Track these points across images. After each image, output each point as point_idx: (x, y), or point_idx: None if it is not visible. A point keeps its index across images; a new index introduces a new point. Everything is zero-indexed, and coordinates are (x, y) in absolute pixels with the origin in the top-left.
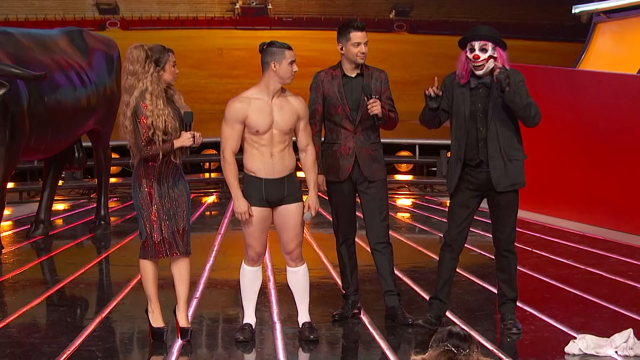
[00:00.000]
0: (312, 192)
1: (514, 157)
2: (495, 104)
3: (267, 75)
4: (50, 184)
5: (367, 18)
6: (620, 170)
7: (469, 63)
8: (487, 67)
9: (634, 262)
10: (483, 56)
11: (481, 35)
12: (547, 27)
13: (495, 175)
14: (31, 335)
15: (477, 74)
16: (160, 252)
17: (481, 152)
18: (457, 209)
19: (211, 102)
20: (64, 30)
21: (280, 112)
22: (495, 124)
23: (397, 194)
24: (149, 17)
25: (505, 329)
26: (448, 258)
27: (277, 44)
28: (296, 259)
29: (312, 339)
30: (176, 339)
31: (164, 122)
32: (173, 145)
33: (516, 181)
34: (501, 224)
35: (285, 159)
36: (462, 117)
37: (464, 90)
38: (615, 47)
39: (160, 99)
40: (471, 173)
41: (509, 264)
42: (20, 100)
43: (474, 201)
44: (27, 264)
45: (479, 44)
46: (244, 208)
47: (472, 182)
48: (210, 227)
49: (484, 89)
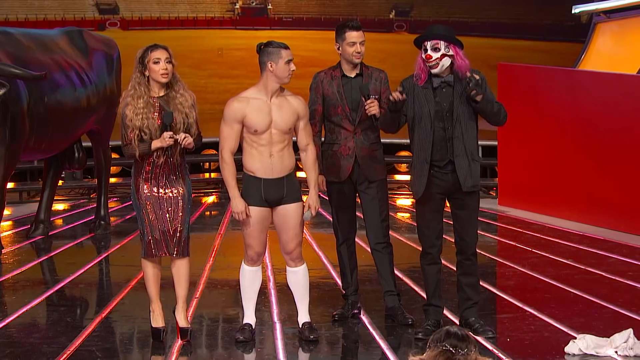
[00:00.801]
0: (313, 192)
1: (474, 158)
2: (460, 103)
3: (265, 75)
4: (50, 184)
5: (367, 18)
6: (620, 170)
7: (425, 63)
8: (442, 66)
9: (633, 262)
10: (435, 55)
11: (432, 34)
12: (547, 27)
13: (462, 174)
14: (31, 335)
15: (433, 72)
16: (150, 251)
17: (449, 151)
18: (429, 215)
19: (211, 102)
20: (64, 30)
21: (279, 112)
22: (460, 123)
23: (397, 194)
24: (149, 17)
25: (481, 333)
26: (431, 266)
27: (273, 44)
28: (296, 259)
29: (312, 339)
30: (176, 339)
31: (141, 120)
32: (151, 145)
33: (478, 182)
34: (468, 227)
35: (285, 159)
36: (427, 117)
37: (427, 90)
38: (615, 47)
39: (141, 99)
40: (437, 175)
41: (474, 267)
42: (20, 100)
43: (442, 204)
44: (27, 264)
45: (430, 43)
46: (241, 208)
47: (439, 185)
48: (210, 227)
49: (447, 88)
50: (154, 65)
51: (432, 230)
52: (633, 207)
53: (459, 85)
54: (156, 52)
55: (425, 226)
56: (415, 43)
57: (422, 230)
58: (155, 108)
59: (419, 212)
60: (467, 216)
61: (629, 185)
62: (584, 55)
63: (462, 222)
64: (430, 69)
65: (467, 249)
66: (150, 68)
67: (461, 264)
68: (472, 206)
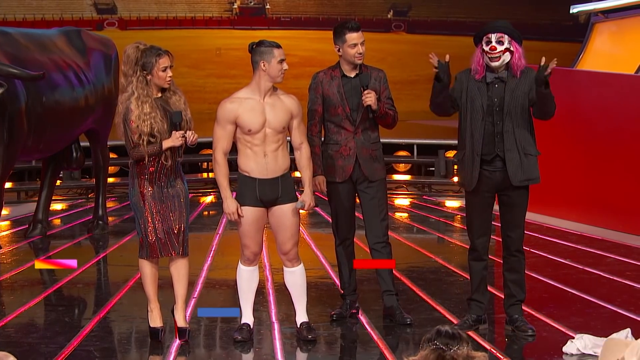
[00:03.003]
0: (308, 190)
1: (528, 152)
2: (512, 99)
3: (258, 75)
4: (48, 183)
5: (365, 18)
6: (618, 169)
7: (484, 57)
8: (503, 60)
9: (631, 262)
10: (500, 48)
11: (498, 27)
12: (544, 27)
13: (512, 168)
14: (29, 335)
15: (493, 65)
16: (154, 252)
17: (497, 146)
18: (477, 211)
19: (209, 102)
20: (62, 30)
21: (273, 111)
22: (511, 118)
23: (395, 194)
24: (147, 17)
25: (519, 331)
26: (476, 262)
27: (265, 43)
28: (292, 259)
29: (310, 338)
30: (174, 339)
31: (150, 125)
32: (161, 146)
33: (531, 176)
34: (514, 223)
35: (279, 159)
36: (479, 111)
37: (480, 84)
38: (613, 47)
39: (146, 104)
40: (487, 169)
41: (519, 264)
42: (18, 100)
43: (490, 202)
44: (25, 263)
45: (495, 36)
46: (232, 208)
47: (487, 182)
48: (208, 227)
49: (500, 84)
50: (161, 72)
51: (478, 226)
52: (631, 206)
53: (511, 81)
54: (164, 60)
55: (472, 222)
56: (476, 38)
57: (470, 225)
58: (159, 110)
59: (468, 206)
60: (514, 212)
61: (627, 184)
62: (581, 55)
63: (508, 217)
64: (490, 62)
65: (512, 245)
66: (158, 75)
67: (506, 259)
68: (519, 202)
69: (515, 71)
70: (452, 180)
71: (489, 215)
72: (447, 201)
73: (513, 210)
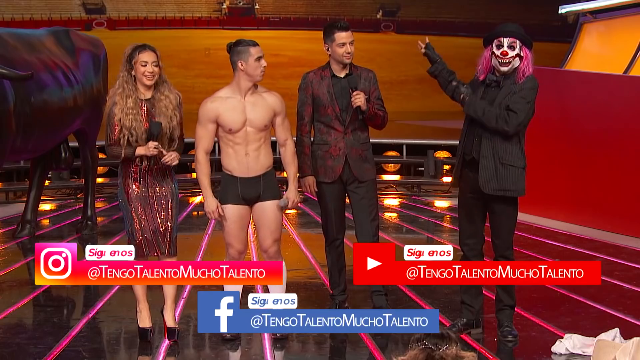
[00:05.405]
0: (292, 186)
1: (507, 162)
2: (501, 103)
3: (237, 75)
4: (37, 184)
5: (354, 18)
6: (608, 170)
7: (493, 59)
8: (513, 65)
9: (620, 262)
10: (511, 53)
11: (511, 31)
12: (533, 27)
13: (484, 175)
14: (17, 336)
15: (502, 70)
16: (141, 252)
17: (474, 148)
18: (465, 211)
19: (198, 102)
20: (51, 30)
21: (254, 110)
22: None
23: (384, 194)
24: (136, 17)
25: (502, 337)
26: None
27: (242, 43)
28: (273, 256)
29: (278, 337)
30: (163, 339)
31: (131, 120)
32: (134, 151)
33: (507, 187)
34: (497, 230)
35: (261, 158)
36: None
37: (480, 85)
38: (602, 48)
39: (130, 98)
40: (469, 170)
41: None
42: (7, 100)
43: (476, 204)
44: (14, 264)
45: (508, 40)
46: (212, 207)
47: (470, 184)
48: (197, 228)
49: (495, 88)
50: (140, 67)
51: (465, 228)
52: (620, 206)
53: (506, 87)
54: (144, 55)
55: (459, 223)
56: (486, 39)
57: (459, 226)
58: (143, 111)
59: (458, 207)
60: (497, 220)
61: (616, 185)
62: (570, 55)
63: (493, 224)
64: (500, 66)
65: (496, 250)
66: (137, 69)
67: None
68: (500, 211)
69: (520, 77)
70: (442, 181)
71: (477, 217)
72: (437, 201)
73: (496, 217)
